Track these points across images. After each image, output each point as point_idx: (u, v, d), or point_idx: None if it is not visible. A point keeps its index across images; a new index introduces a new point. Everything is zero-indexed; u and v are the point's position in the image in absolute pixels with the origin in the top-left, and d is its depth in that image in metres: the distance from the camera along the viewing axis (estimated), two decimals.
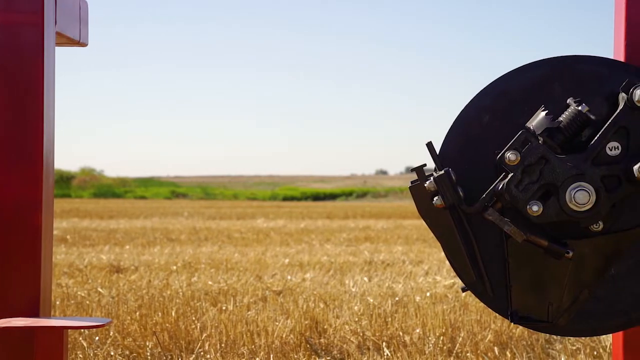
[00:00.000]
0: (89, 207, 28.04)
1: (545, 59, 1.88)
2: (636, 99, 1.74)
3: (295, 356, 3.96)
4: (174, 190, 63.69)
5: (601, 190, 1.76)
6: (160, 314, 4.79)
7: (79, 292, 5.92)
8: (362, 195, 61.08)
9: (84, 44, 2.45)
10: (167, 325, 4.46)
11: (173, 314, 4.79)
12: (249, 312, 4.99)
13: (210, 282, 6.57)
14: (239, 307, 5.22)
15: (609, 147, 1.77)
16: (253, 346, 4.08)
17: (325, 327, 4.47)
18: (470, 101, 1.90)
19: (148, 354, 3.99)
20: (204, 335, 4.24)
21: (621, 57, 1.98)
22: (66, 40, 2.36)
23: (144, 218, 20.05)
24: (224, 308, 5.15)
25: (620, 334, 2.09)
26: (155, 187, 68.23)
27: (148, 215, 21.77)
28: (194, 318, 4.74)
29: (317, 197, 59.43)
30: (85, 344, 4.05)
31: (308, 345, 4.09)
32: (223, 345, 4.12)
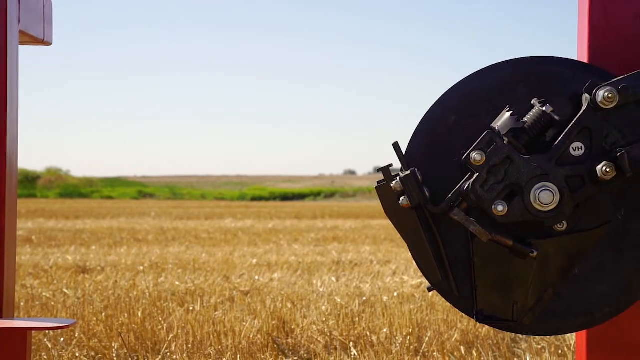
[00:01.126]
0: (54, 208, 27.77)
1: (510, 60, 1.89)
2: (599, 100, 1.76)
3: (263, 356, 3.95)
4: (142, 190, 63.31)
5: (565, 191, 1.78)
6: (126, 314, 4.76)
7: (44, 293, 5.86)
8: (331, 195, 61.17)
9: (48, 43, 2.42)
10: (134, 326, 4.43)
11: (139, 314, 4.76)
12: (216, 313, 4.97)
13: (177, 283, 6.54)
14: (206, 307, 5.20)
15: (572, 148, 1.79)
16: (220, 346, 4.06)
17: (292, 327, 4.47)
18: (437, 101, 1.91)
19: (114, 355, 3.96)
20: (171, 335, 4.21)
21: (585, 59, 2.00)
22: (30, 39, 2.34)
23: (111, 218, 19.90)
24: (191, 308, 5.13)
25: (583, 332, 2.11)
26: (123, 187, 67.77)
27: (115, 215, 21.61)
28: (160, 319, 4.71)
29: (286, 197, 59.40)
30: (50, 345, 4.01)
31: (275, 346, 4.08)
32: (190, 345, 4.10)
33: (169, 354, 3.97)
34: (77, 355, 3.96)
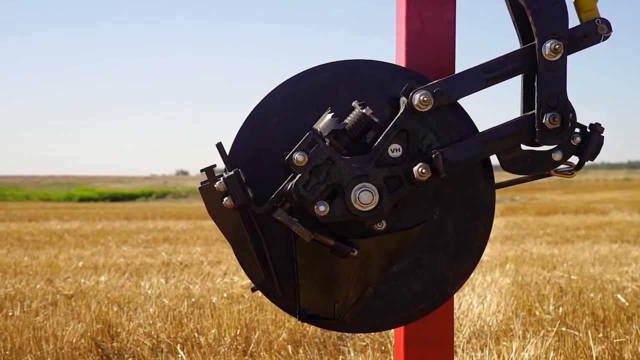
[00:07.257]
0: None
1: (332, 62, 1.92)
2: (415, 103, 1.83)
3: None
4: None
5: (384, 191, 1.83)
6: None
7: None
8: (162, 195, 60.19)
9: None
10: None
11: None
12: (37, 318, 4.77)
13: None
14: (26, 312, 4.99)
15: (391, 149, 1.85)
16: (40, 352, 3.90)
17: (118, 330, 4.36)
18: (260, 102, 1.92)
19: None
20: None
21: (402, 63, 2.06)
22: None
23: None
24: (10, 314, 4.90)
25: (401, 328, 2.18)
26: None
27: None
28: None
29: (116, 197, 57.90)
30: None
31: (99, 350, 3.96)
32: (7, 352, 3.92)
33: None
34: None
